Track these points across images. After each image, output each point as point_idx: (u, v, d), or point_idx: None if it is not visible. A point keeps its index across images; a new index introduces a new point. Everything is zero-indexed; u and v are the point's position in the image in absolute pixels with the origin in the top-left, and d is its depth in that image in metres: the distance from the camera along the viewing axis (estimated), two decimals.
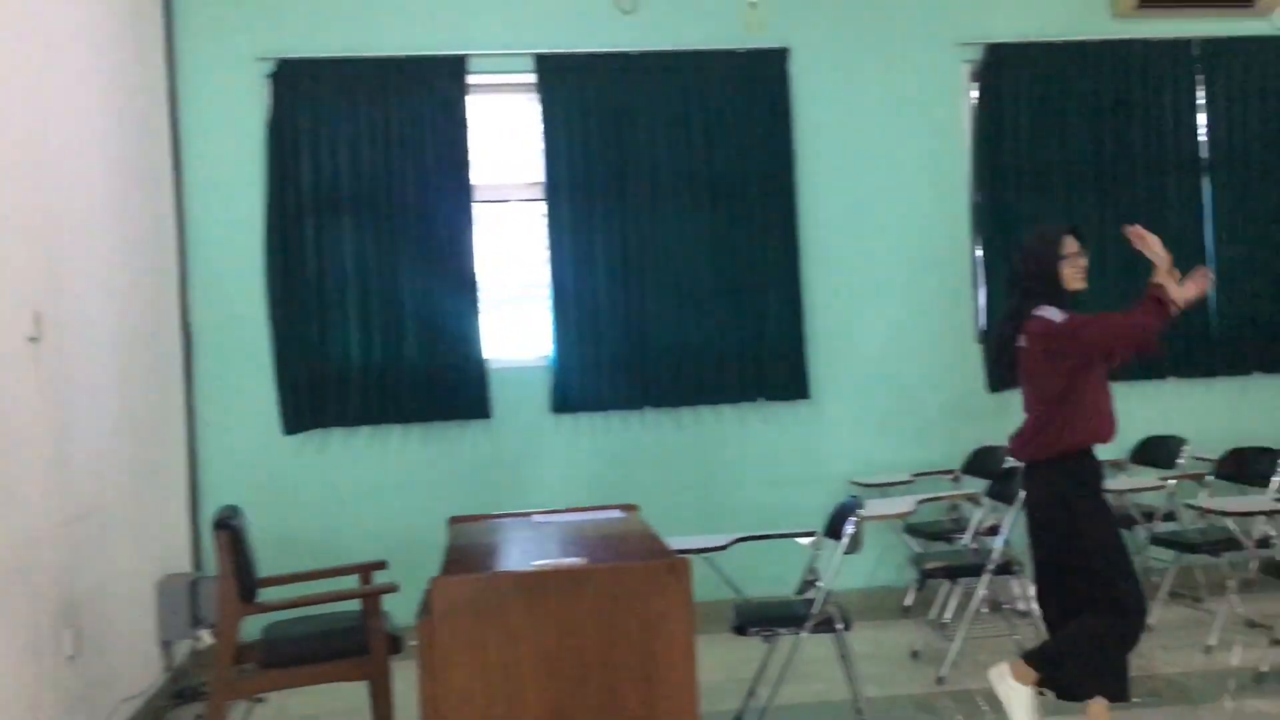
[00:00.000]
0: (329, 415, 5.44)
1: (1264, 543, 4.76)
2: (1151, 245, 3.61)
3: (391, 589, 3.76)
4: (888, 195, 5.80)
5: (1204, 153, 5.87)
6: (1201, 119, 5.89)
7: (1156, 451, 5.61)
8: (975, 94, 5.86)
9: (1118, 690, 3.60)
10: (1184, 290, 3.53)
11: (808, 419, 5.77)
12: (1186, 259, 5.78)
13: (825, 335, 5.76)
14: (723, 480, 5.70)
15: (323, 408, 5.43)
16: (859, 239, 5.78)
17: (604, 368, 5.56)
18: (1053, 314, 3.57)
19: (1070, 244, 3.65)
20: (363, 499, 5.49)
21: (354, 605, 3.81)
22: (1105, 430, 3.62)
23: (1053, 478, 3.62)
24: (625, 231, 5.58)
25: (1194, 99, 5.87)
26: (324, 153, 5.44)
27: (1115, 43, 5.82)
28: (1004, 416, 5.78)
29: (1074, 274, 3.64)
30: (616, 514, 4.12)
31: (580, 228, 5.57)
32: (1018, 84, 5.79)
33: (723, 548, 4.20)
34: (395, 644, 3.71)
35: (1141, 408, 5.77)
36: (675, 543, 3.53)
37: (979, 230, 5.83)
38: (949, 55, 5.83)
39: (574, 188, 5.56)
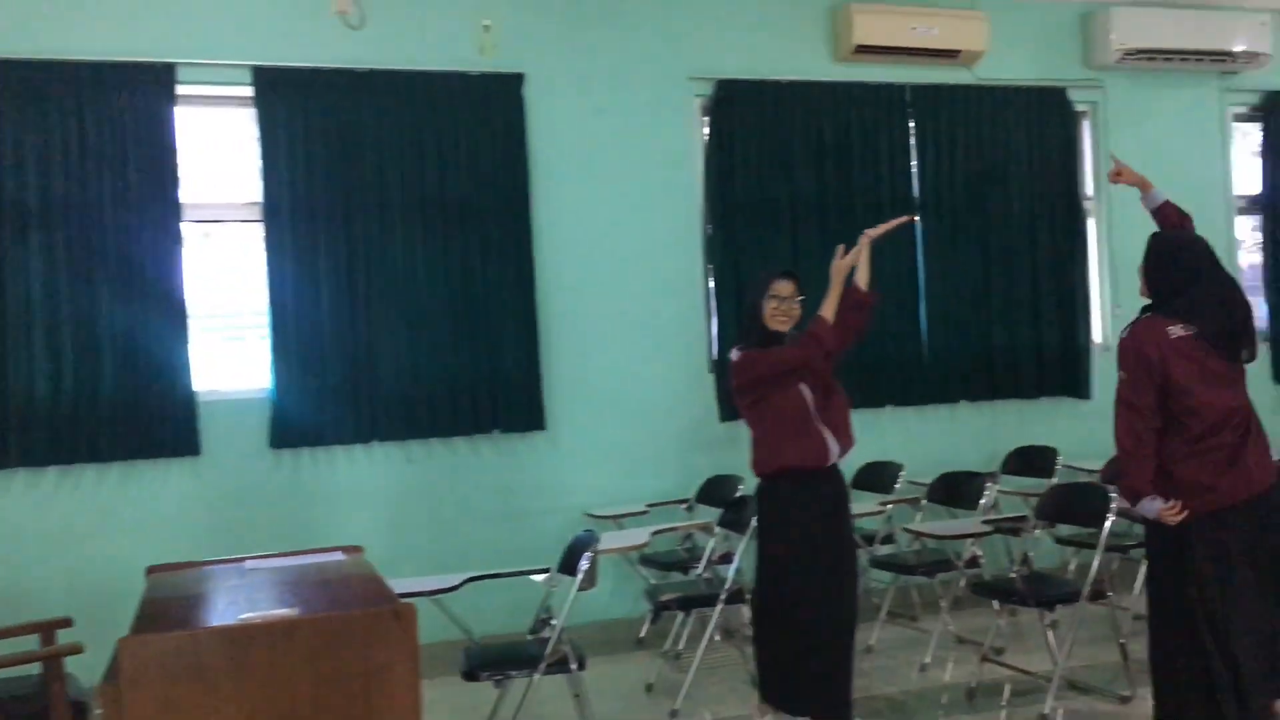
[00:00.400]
0: (10, 454, 4.85)
1: (973, 562, 5.01)
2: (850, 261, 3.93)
3: (75, 650, 3.34)
4: (624, 225, 5.81)
5: (917, 193, 6.20)
6: (916, 161, 6.23)
7: (875, 477, 5.84)
8: (707, 128, 5.96)
9: (840, 713, 3.69)
10: (858, 275, 3.98)
11: (543, 450, 5.66)
12: (902, 295, 6.14)
13: (561, 365, 5.68)
14: (455, 516, 5.50)
15: (3, 446, 4.84)
16: (595, 268, 5.75)
17: (328, 399, 5.25)
18: (734, 354, 3.81)
19: (779, 286, 3.80)
20: (49, 548, 4.92)
21: (34, 669, 3.40)
22: (792, 455, 3.75)
23: (760, 496, 3.88)
24: (351, 256, 5.30)
25: (908, 142, 6.20)
26: (6, 164, 4.88)
27: (836, 85, 6.08)
28: (736, 446, 5.91)
29: (775, 314, 3.78)
30: (338, 556, 3.83)
31: (303, 251, 5.24)
32: (746, 120, 5.93)
33: (453, 588, 4.00)
34: (80, 712, 3.30)
35: (861, 434, 5.98)
36: (402, 585, 3.33)
37: (711, 261, 5.92)
38: (682, 88, 5.91)
39: (296, 209, 5.24)
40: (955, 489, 5.38)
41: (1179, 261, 3.48)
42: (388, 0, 5.37)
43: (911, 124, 6.21)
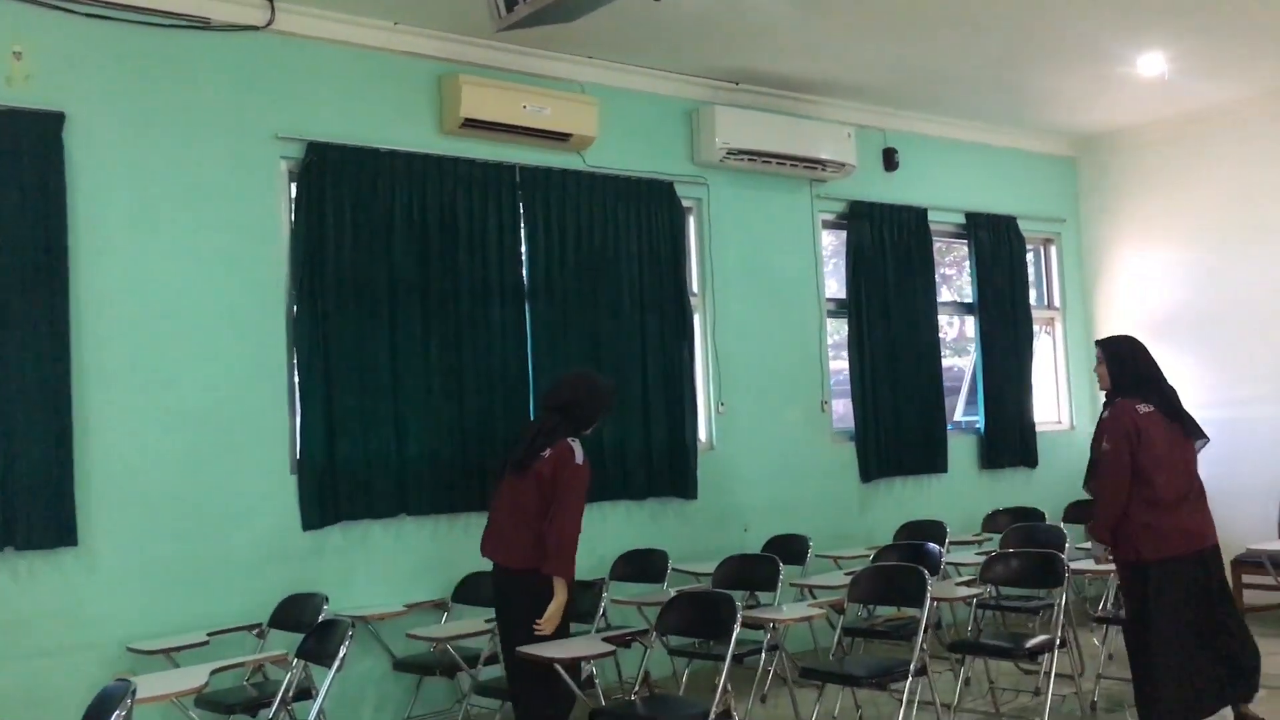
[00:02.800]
0: None
1: (589, 682, 4.58)
2: None
3: None
4: (190, 299, 4.92)
5: (526, 279, 5.81)
6: (526, 245, 5.85)
7: (475, 592, 5.28)
8: (295, 194, 5.25)
9: None
10: None
11: (74, 571, 4.57)
12: (511, 389, 5.69)
13: (104, 466, 4.64)
14: None
15: None
16: (151, 348, 4.80)
17: None
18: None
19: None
20: None
21: None
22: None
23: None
24: None
25: (517, 225, 5.81)
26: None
27: (442, 159, 5.59)
28: (321, 558, 5.13)
29: None
30: None
31: None
32: (341, 189, 5.29)
33: None
34: None
35: (452, 545, 5.47)
36: None
37: (296, 345, 5.16)
38: (267, 147, 5.17)
39: None
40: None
41: (1137, 359, 4.62)
42: None
43: (521, 206, 5.84)
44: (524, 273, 5.80)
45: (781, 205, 6.84)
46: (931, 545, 5.58)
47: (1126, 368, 4.56)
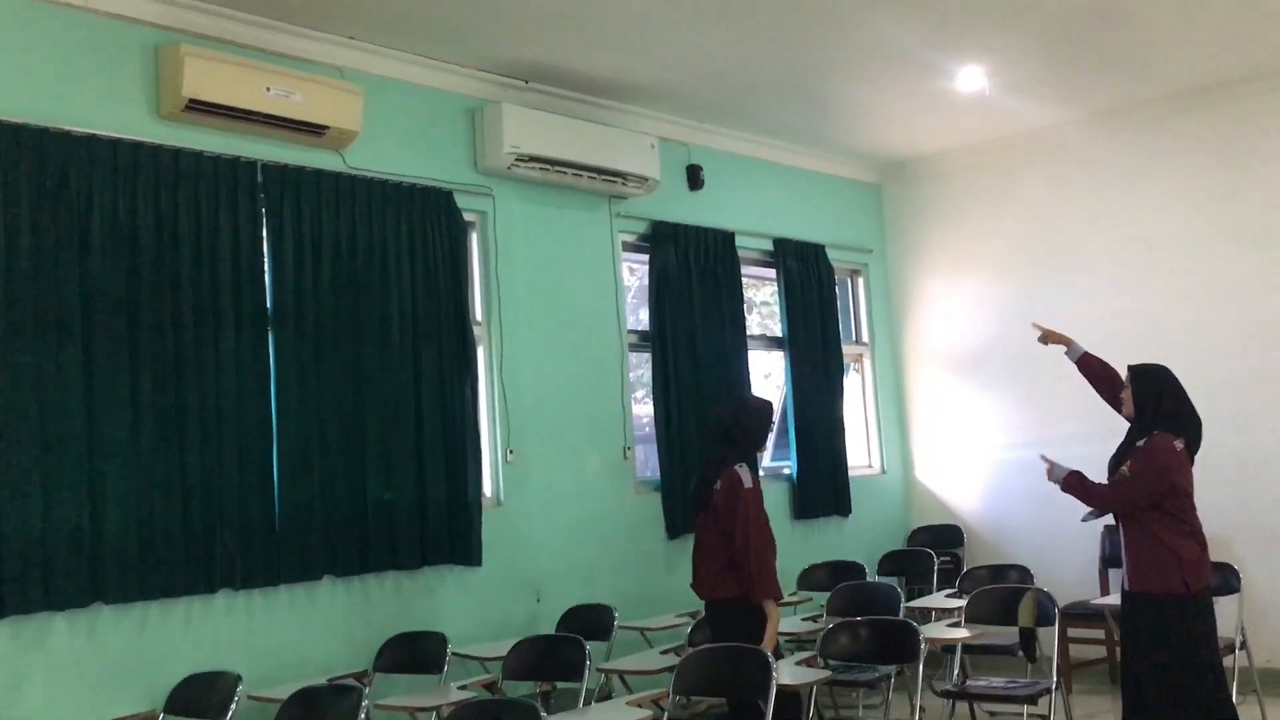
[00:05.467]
0: None
1: None
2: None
3: None
4: None
5: (270, 301, 4.70)
6: (269, 260, 4.73)
7: (200, 695, 4.12)
8: None
9: None
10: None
11: None
12: (247, 435, 4.54)
13: None
14: None
15: None
16: None
17: None
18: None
19: None
20: None
21: None
22: None
23: None
24: None
25: (258, 235, 4.70)
26: None
27: (158, 149, 4.43)
28: None
29: None
30: None
31: None
32: (17, 179, 4.05)
33: None
34: None
35: (180, 635, 4.29)
36: None
37: None
38: None
39: None
40: (317, 708, 3.85)
41: (1167, 389, 4.40)
42: None
43: (264, 211, 4.73)
44: (267, 292, 4.69)
45: (577, 223, 5.98)
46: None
47: (1151, 397, 4.40)
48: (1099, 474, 6.80)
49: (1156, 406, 4.39)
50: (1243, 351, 6.39)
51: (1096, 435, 6.88)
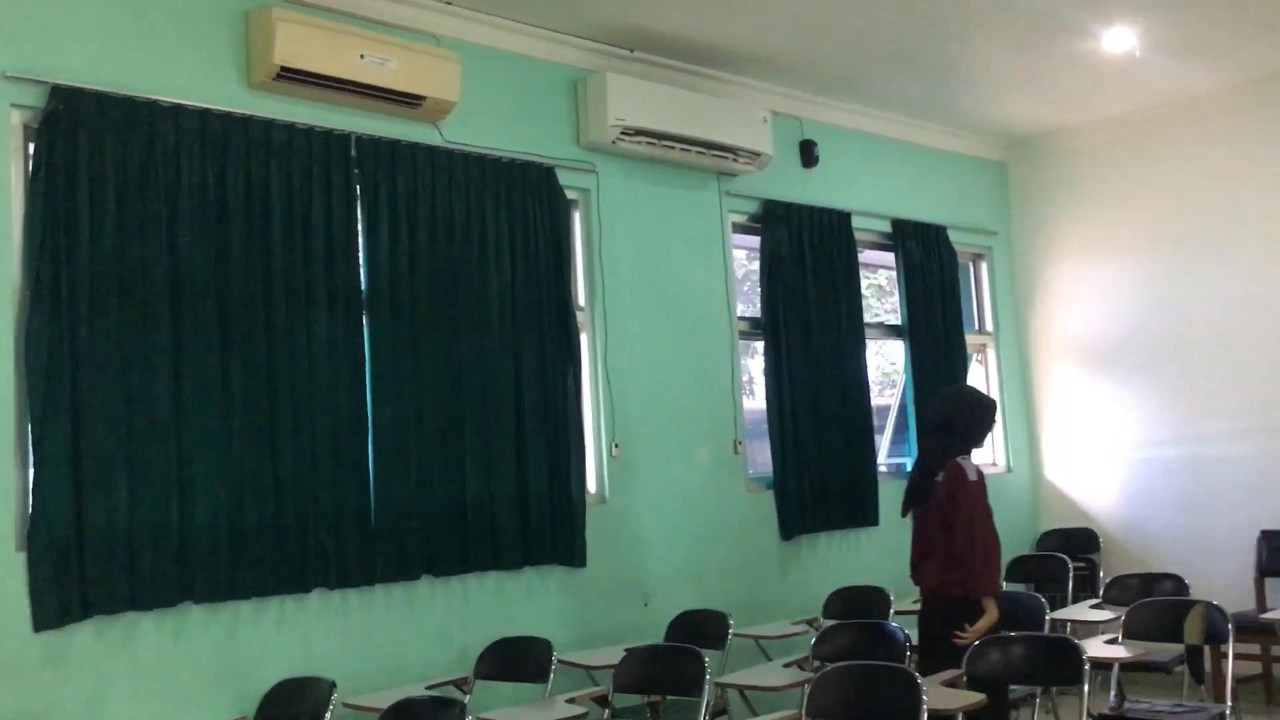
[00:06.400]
0: None
1: None
2: None
3: None
4: None
5: (365, 283, 4.41)
6: (364, 240, 4.45)
7: (291, 701, 3.85)
8: (33, 154, 3.76)
9: None
10: None
11: None
12: (342, 426, 4.26)
13: None
14: None
15: None
16: None
17: None
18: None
19: None
20: None
21: None
22: None
23: None
24: None
25: (353, 211, 4.42)
26: None
27: (250, 120, 4.17)
28: (63, 669, 3.55)
29: None
30: None
31: None
32: (102, 151, 3.81)
33: None
34: None
35: (273, 635, 4.03)
36: None
37: (30, 366, 3.63)
38: None
39: None
40: (416, 716, 3.55)
41: None
42: None
43: (358, 188, 4.45)
44: (361, 274, 4.40)
45: (685, 202, 5.61)
46: (892, 626, 4.36)
47: None
48: (1254, 474, 6.29)
49: None
50: None
51: (1248, 433, 6.36)
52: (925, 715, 3.17)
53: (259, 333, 4.09)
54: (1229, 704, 4.08)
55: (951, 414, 4.39)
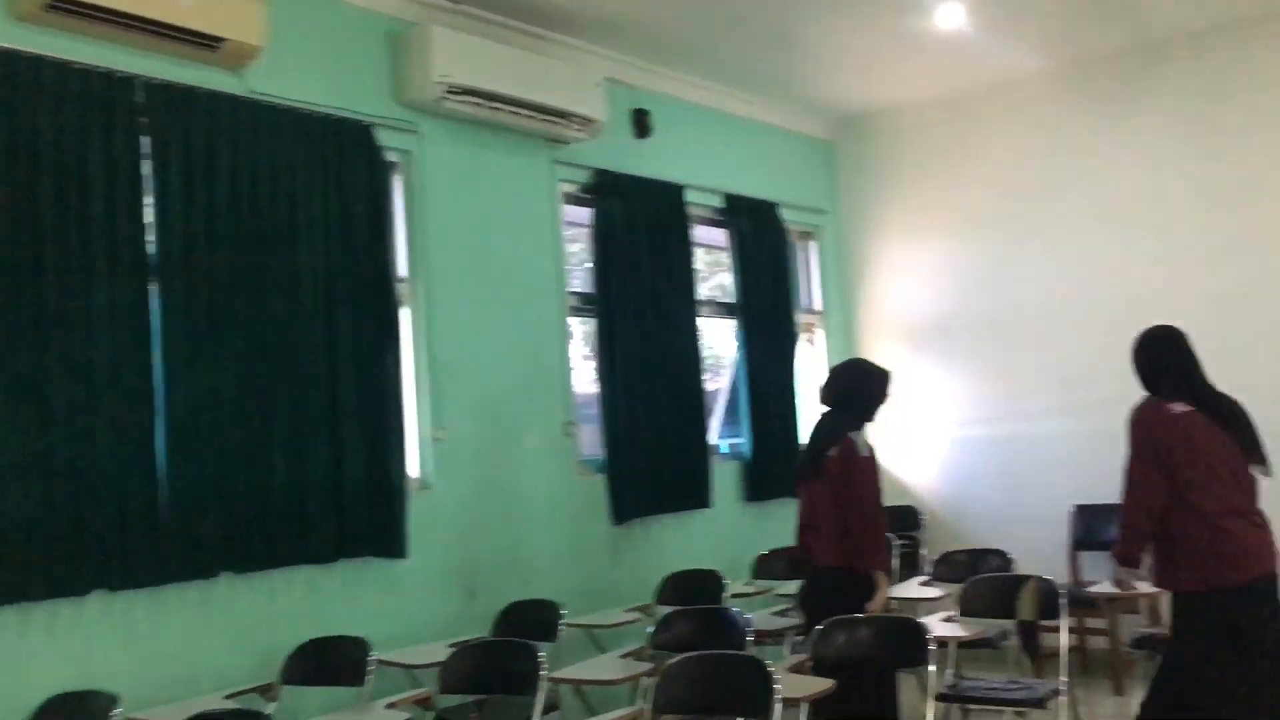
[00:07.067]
0: None
1: None
2: None
3: None
4: None
5: (153, 247, 3.92)
6: (154, 199, 3.95)
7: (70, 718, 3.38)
8: None
9: None
10: None
11: None
12: (126, 406, 3.77)
13: None
14: None
15: None
16: None
17: None
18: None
19: None
20: None
21: None
22: None
23: None
24: None
25: (138, 165, 3.91)
26: None
27: (14, 56, 3.63)
28: None
29: None
30: None
31: None
32: None
33: None
34: None
35: (45, 643, 3.53)
36: None
37: None
38: None
39: None
40: None
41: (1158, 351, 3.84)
42: None
43: (148, 140, 3.95)
44: (150, 237, 3.91)
45: (515, 169, 5.28)
46: (733, 612, 4.17)
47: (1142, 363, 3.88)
48: (1067, 450, 6.45)
49: (1148, 370, 3.87)
50: (1219, 319, 5.94)
51: (1062, 411, 6.51)
52: (778, 703, 2.98)
53: (25, 300, 3.56)
54: (1062, 679, 4.07)
55: (846, 389, 4.35)
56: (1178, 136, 6.10)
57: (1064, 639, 4.17)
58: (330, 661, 4.01)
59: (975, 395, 6.77)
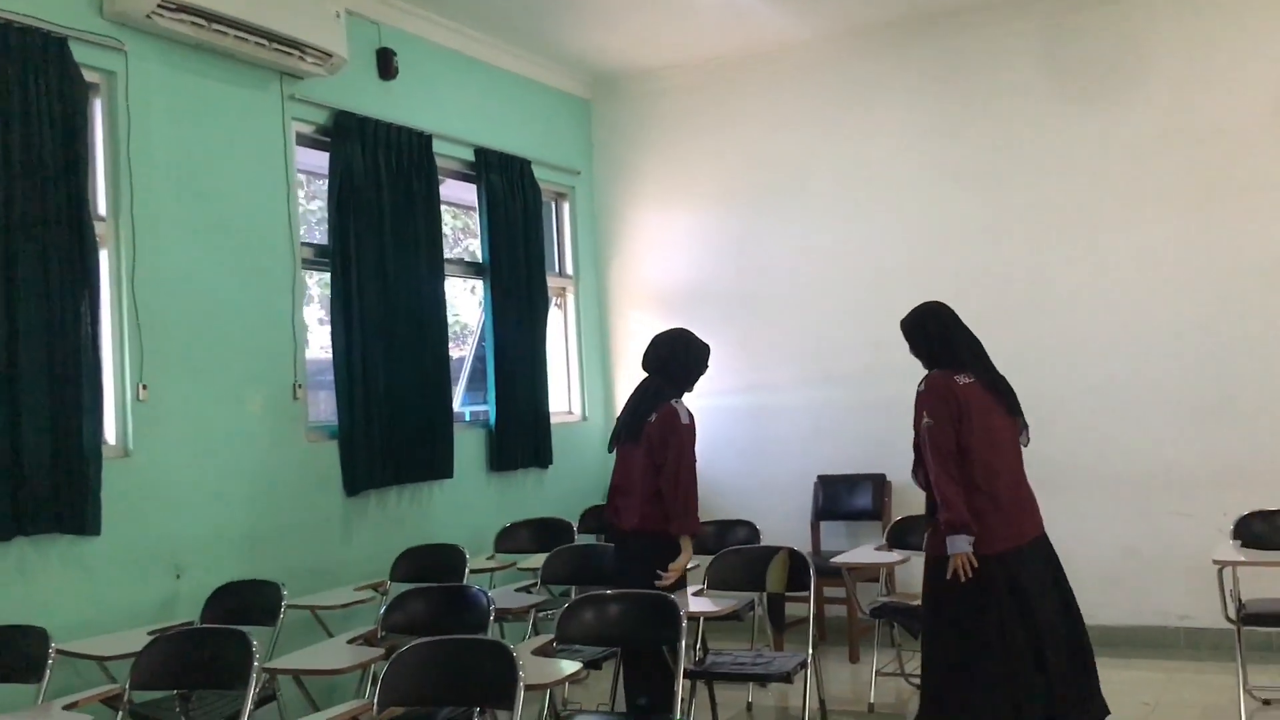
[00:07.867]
0: None
1: None
2: None
3: None
4: None
5: None
6: None
7: None
8: None
9: None
10: None
11: None
12: None
13: None
14: None
15: None
16: None
17: None
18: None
19: None
20: None
21: None
22: None
23: None
24: None
25: None
26: None
27: None
28: None
29: None
30: None
31: None
32: None
33: None
34: None
35: None
36: None
37: None
38: None
39: None
40: None
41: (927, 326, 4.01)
42: None
43: None
44: None
45: (240, 101, 4.74)
46: (474, 590, 3.88)
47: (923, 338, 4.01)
48: (810, 420, 6.52)
49: (927, 346, 4.02)
50: (961, 296, 6.13)
51: (807, 382, 6.58)
52: (521, 691, 2.72)
53: None
54: (810, 650, 4.03)
55: (668, 356, 4.40)
56: (921, 115, 6.24)
57: (812, 610, 4.13)
58: (1, 655, 3.44)
59: (724, 366, 6.66)
